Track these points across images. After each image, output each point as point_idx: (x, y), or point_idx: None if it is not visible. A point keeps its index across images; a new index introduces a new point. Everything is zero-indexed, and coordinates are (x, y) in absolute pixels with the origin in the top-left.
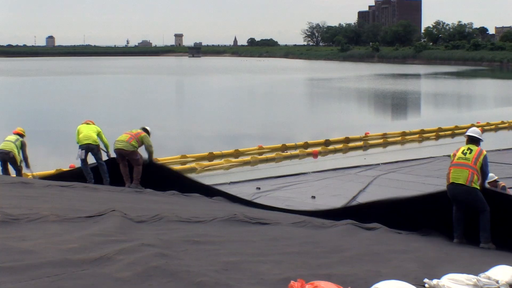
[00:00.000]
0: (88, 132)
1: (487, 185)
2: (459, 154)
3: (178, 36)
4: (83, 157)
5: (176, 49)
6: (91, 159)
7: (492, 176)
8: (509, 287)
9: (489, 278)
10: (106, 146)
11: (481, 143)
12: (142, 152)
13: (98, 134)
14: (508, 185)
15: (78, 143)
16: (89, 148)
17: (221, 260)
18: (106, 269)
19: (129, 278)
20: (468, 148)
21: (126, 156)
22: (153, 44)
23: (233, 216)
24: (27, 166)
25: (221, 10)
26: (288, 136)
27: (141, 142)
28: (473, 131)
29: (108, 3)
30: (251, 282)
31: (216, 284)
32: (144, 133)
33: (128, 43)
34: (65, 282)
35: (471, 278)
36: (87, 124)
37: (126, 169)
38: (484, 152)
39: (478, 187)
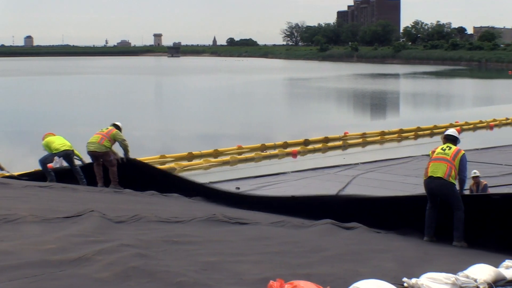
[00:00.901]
0: (62, 140)
1: (465, 187)
2: (438, 150)
3: (157, 36)
4: (62, 163)
5: (155, 49)
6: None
7: (475, 172)
8: (487, 286)
9: (467, 277)
10: (77, 155)
11: (459, 143)
12: (118, 149)
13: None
14: (488, 184)
15: (53, 151)
16: (67, 154)
17: (200, 260)
18: (85, 269)
19: (108, 279)
20: (448, 146)
21: (99, 158)
22: (132, 44)
23: (212, 216)
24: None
25: (200, 10)
26: (268, 136)
27: (113, 139)
28: (451, 131)
29: (87, 3)
30: (230, 282)
31: (195, 284)
32: (115, 130)
33: (107, 43)
34: (44, 283)
35: (449, 277)
36: (53, 135)
37: (100, 169)
38: (463, 151)
39: (455, 183)
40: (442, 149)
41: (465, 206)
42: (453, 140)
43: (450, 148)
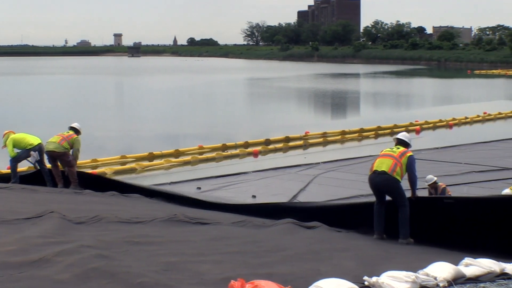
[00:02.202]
0: (32, 136)
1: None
2: (386, 149)
3: (117, 36)
4: (38, 158)
5: (115, 49)
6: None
7: (431, 178)
8: (447, 283)
9: (427, 275)
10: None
11: (410, 148)
12: None
13: None
14: (447, 182)
15: (27, 147)
16: (41, 148)
17: (162, 260)
18: (45, 271)
19: (68, 280)
20: (397, 147)
21: (57, 158)
22: (92, 44)
23: (173, 216)
24: None
25: (160, 10)
26: (229, 135)
27: (72, 144)
28: (402, 135)
29: (46, 3)
30: (191, 282)
31: (156, 285)
32: (76, 136)
33: (66, 42)
34: (4, 285)
35: (410, 275)
36: (14, 133)
37: (58, 170)
38: (411, 153)
39: (400, 180)
40: (390, 148)
41: (420, 206)
42: (404, 144)
43: (399, 148)
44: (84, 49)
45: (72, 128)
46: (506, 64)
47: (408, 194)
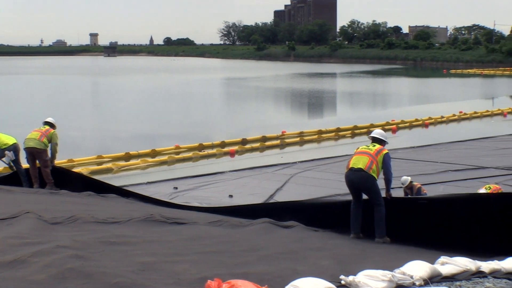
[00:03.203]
0: (7, 136)
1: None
2: (362, 146)
3: (94, 36)
4: (13, 157)
5: (92, 48)
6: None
7: (406, 179)
8: (423, 282)
9: (403, 274)
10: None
11: (386, 145)
12: None
13: None
14: (423, 181)
15: (2, 147)
16: (16, 148)
17: (138, 260)
18: (21, 272)
19: (44, 281)
20: (373, 144)
21: (36, 155)
22: (68, 44)
23: (150, 216)
24: None
25: (137, 9)
26: (205, 135)
27: (50, 139)
28: (377, 133)
29: (21, 1)
30: (168, 282)
31: (132, 285)
32: (53, 130)
33: (42, 42)
34: None
35: (386, 274)
36: None
37: (35, 169)
38: (386, 150)
39: (376, 177)
40: (366, 146)
41: (395, 206)
42: (379, 141)
43: (375, 146)
44: (60, 49)
45: (47, 123)
46: (481, 64)
47: (383, 193)
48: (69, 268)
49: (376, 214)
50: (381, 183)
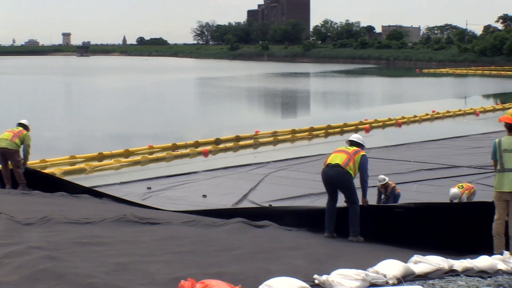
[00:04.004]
0: None
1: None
2: (340, 146)
3: (66, 35)
4: None
5: (64, 48)
6: None
7: (383, 178)
8: (397, 281)
9: (377, 273)
10: None
11: (364, 149)
12: None
13: None
14: (396, 180)
15: None
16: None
17: (111, 261)
18: None
19: (17, 282)
20: (350, 145)
21: (8, 156)
22: (41, 43)
23: (123, 216)
24: None
25: (109, 9)
26: (179, 135)
27: (22, 140)
28: (355, 137)
29: None
30: (141, 283)
31: (105, 286)
32: (26, 132)
33: (14, 42)
34: None
35: (359, 273)
36: None
37: (8, 170)
38: (364, 152)
39: (352, 175)
40: (344, 146)
41: (372, 214)
42: (356, 145)
43: (353, 147)
44: (32, 49)
45: (20, 124)
46: (454, 63)
47: (359, 194)
48: (42, 269)
49: (350, 212)
50: (357, 183)
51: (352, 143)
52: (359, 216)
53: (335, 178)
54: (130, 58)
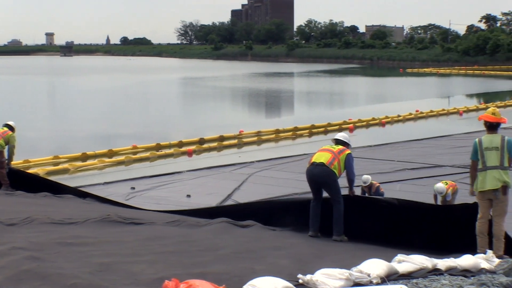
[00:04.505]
0: None
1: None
2: (325, 145)
3: (49, 35)
4: None
5: (48, 48)
6: None
7: (367, 178)
8: (380, 280)
9: (361, 272)
10: None
11: (350, 148)
12: None
13: None
14: (380, 180)
15: None
16: None
17: (95, 261)
18: None
19: (0, 283)
20: (336, 144)
21: None
22: (24, 43)
23: (107, 216)
24: None
25: (93, 9)
26: (163, 135)
27: (7, 141)
28: (340, 135)
29: None
30: (125, 283)
31: (89, 286)
32: (11, 133)
33: None
34: None
35: (343, 272)
36: None
37: None
38: (349, 151)
39: (337, 174)
40: (330, 145)
41: (355, 207)
42: (342, 144)
43: (338, 146)
44: (15, 49)
45: (7, 125)
46: (437, 63)
47: (344, 192)
48: (25, 270)
49: (334, 211)
50: (342, 182)
51: (338, 141)
52: (343, 215)
53: (320, 177)
54: (113, 58)
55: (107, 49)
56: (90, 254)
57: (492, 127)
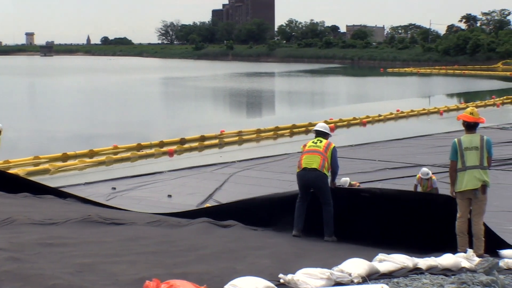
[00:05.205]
0: None
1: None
2: (309, 143)
3: (29, 35)
4: None
5: (28, 48)
6: None
7: (346, 180)
8: (361, 279)
9: (342, 271)
10: None
11: (330, 138)
12: None
13: None
14: (361, 179)
15: None
16: None
17: (76, 262)
18: None
19: None
20: (318, 139)
21: None
22: (3, 43)
23: (88, 217)
24: None
25: (73, 9)
26: (144, 135)
27: None
28: (320, 126)
29: None
30: (106, 284)
31: (70, 287)
32: None
33: None
34: None
35: (325, 272)
36: None
37: None
38: (333, 144)
39: (328, 175)
40: (313, 142)
41: (337, 202)
42: (323, 134)
43: (321, 141)
44: None
45: None
46: (418, 62)
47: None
48: (5, 271)
49: (325, 213)
50: None
51: (318, 132)
52: (333, 217)
53: (313, 182)
54: (94, 58)
55: (88, 49)
56: (71, 255)
57: (470, 127)
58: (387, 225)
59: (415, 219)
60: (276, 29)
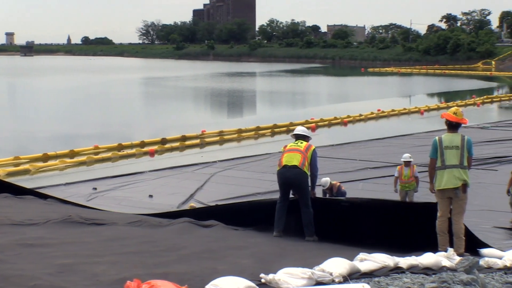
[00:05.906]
0: None
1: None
2: (290, 144)
3: (9, 35)
4: None
5: (8, 48)
6: None
7: (326, 180)
8: (343, 279)
9: (323, 271)
10: None
11: (310, 140)
12: None
13: None
14: (342, 179)
15: None
16: None
17: (56, 262)
18: None
19: None
20: (299, 141)
21: None
22: None
23: (68, 217)
24: None
25: (53, 8)
26: (125, 135)
27: None
28: (300, 130)
29: None
30: (87, 284)
31: (50, 287)
32: None
33: None
34: None
35: (306, 272)
36: None
37: None
38: (314, 147)
39: (308, 174)
40: (294, 143)
41: (319, 208)
42: (303, 137)
43: (302, 143)
44: None
45: None
46: (398, 62)
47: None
48: None
49: (304, 216)
50: None
51: (298, 136)
52: (312, 216)
53: (294, 179)
54: (74, 58)
55: (68, 49)
56: (51, 255)
57: (452, 126)
58: (367, 225)
59: (396, 223)
60: (257, 29)
